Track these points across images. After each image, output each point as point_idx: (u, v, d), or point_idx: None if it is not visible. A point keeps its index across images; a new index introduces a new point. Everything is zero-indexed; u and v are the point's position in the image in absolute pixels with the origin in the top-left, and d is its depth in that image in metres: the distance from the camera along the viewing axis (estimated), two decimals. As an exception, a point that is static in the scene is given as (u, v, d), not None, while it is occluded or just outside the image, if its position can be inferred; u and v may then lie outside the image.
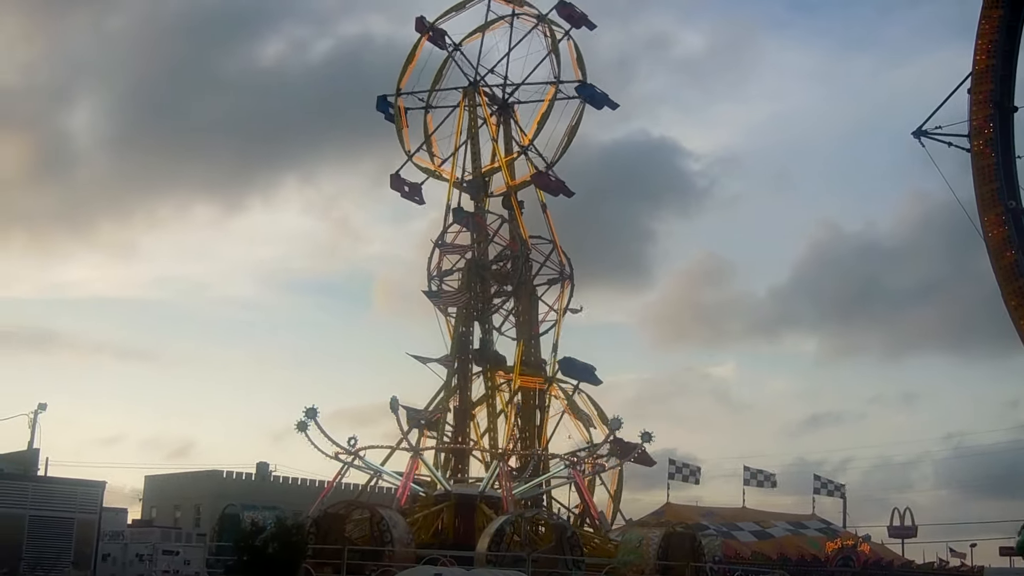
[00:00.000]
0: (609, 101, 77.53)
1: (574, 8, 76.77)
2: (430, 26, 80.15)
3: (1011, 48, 54.11)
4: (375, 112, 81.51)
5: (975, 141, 53.12)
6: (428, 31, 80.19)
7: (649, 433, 68.47)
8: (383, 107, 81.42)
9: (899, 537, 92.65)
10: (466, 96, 79.35)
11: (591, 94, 76.94)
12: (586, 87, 77.09)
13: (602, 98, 77.20)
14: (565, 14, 76.88)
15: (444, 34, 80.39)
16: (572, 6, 76.69)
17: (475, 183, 78.26)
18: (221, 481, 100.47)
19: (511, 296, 76.66)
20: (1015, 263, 50.75)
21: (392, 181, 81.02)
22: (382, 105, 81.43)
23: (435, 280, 76.58)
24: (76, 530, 54.43)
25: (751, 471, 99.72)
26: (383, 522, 58.59)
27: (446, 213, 77.62)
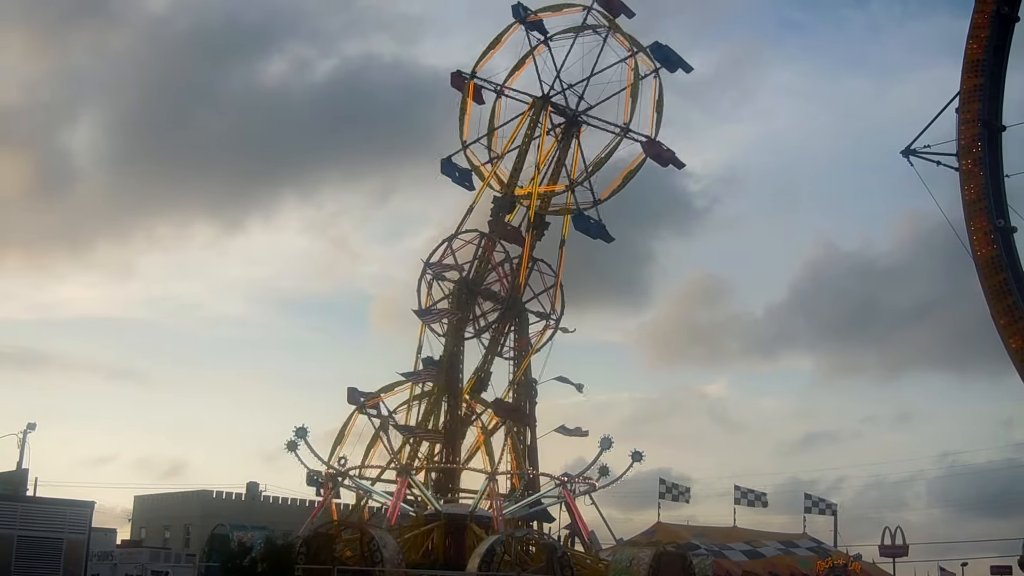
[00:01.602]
0: (676, 160, 75.90)
1: (671, 51, 74.97)
2: (524, 15, 78.61)
3: (999, 68, 54.28)
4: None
5: (963, 160, 53.22)
6: (522, 19, 78.68)
7: (640, 452, 68.57)
8: (456, 83, 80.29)
9: (890, 556, 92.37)
10: (533, 107, 78.00)
11: (657, 153, 75.13)
12: (653, 144, 75.28)
13: (668, 158, 75.44)
14: (660, 56, 74.89)
15: (540, 26, 78.86)
16: (669, 49, 74.87)
17: (503, 201, 77.11)
18: (211, 501, 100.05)
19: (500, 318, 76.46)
20: (1004, 281, 50.79)
21: (443, 166, 79.48)
22: (455, 81, 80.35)
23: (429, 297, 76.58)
24: (65, 550, 54.07)
25: (742, 490, 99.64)
26: (373, 542, 58.55)
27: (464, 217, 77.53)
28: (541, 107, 77.32)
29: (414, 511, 69.75)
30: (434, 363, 74.14)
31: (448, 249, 76.54)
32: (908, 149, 55.69)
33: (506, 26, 79.55)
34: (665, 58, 74.72)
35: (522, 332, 76.91)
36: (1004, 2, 53.95)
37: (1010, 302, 50.42)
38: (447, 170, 78.78)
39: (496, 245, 76.33)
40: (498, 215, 76.84)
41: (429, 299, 76.40)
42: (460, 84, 79.95)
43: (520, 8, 78.65)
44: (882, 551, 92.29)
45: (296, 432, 71.24)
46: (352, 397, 76.26)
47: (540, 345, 76.36)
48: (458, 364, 75.46)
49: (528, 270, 76.34)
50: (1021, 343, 49.88)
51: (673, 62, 74.77)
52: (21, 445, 65.38)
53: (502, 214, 77.02)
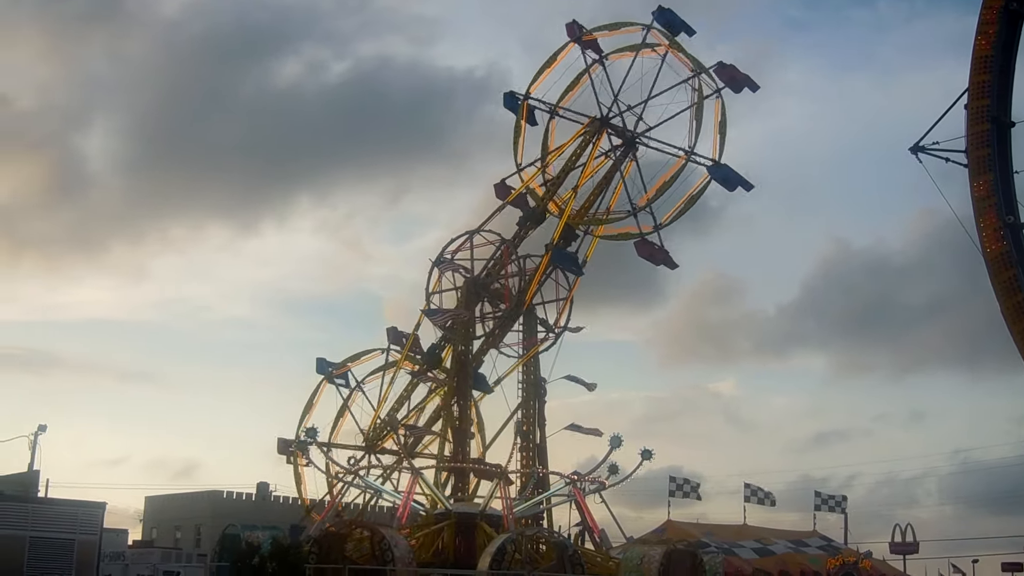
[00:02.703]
0: (744, 182, 72.92)
1: (736, 70, 72.39)
2: (581, 34, 76.86)
3: (1007, 64, 54.20)
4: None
5: (972, 156, 53.15)
6: (577, 38, 77.00)
7: (649, 450, 68.70)
8: (510, 104, 79.14)
9: (900, 553, 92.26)
10: (591, 127, 75.97)
11: (725, 176, 72.64)
12: (720, 168, 72.80)
13: (736, 180, 72.74)
14: (726, 77, 72.58)
15: (595, 45, 77.13)
16: (734, 68, 72.43)
17: (533, 213, 76.55)
18: (221, 501, 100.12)
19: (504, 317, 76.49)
20: (1014, 278, 50.74)
21: (497, 190, 79.06)
22: (509, 102, 79.18)
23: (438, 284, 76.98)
24: (77, 551, 54.30)
25: (752, 488, 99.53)
26: (384, 541, 58.58)
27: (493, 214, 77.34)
28: (599, 129, 75.44)
29: (424, 510, 69.87)
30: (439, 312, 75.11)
31: (468, 242, 76.90)
32: (916, 146, 55.64)
33: (561, 45, 78.05)
34: (730, 78, 72.30)
35: (529, 332, 76.94)
36: (1013, -2, 53.93)
37: (1020, 299, 50.38)
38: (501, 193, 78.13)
39: (513, 254, 76.18)
40: (525, 224, 76.36)
41: (437, 284, 76.98)
42: (513, 105, 78.76)
43: (576, 27, 76.90)
44: (892, 548, 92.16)
45: (306, 432, 71.56)
46: (320, 367, 79.32)
47: (529, 355, 76.20)
48: (468, 363, 75.53)
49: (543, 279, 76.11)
50: (1032, 339, 49.87)
51: (739, 81, 72.23)
52: (32, 447, 65.48)
53: (530, 224, 76.43)
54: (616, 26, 77.10)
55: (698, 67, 73.74)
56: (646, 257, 73.76)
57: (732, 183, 72.66)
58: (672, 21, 74.30)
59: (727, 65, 72.21)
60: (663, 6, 74.35)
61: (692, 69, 73.88)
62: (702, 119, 74.24)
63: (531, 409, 75.09)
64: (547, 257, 74.95)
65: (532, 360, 76.15)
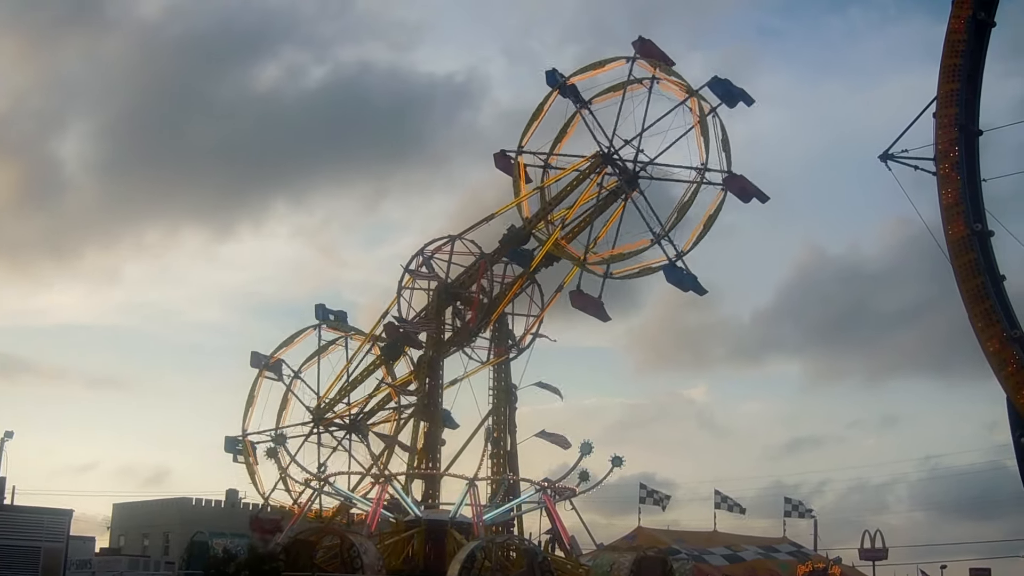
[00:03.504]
0: (760, 194, 71.57)
1: (731, 84, 70.65)
2: (562, 81, 75.09)
3: (975, 72, 54.40)
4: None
5: (941, 164, 53.24)
6: (559, 86, 75.15)
7: (620, 457, 68.66)
8: (501, 164, 76.64)
9: (869, 559, 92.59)
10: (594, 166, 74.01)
11: (742, 188, 70.91)
12: (736, 179, 71.11)
13: (753, 191, 71.33)
14: (721, 91, 70.65)
15: (576, 91, 74.94)
16: (728, 83, 70.59)
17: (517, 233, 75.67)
18: (190, 509, 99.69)
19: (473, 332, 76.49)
20: (981, 285, 50.92)
21: (496, 160, 76.93)
22: (501, 163, 76.71)
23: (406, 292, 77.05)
24: (42, 559, 54.08)
25: (722, 495, 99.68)
26: (353, 548, 58.48)
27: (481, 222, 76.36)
28: (601, 165, 73.73)
29: (394, 517, 69.72)
30: None
31: (449, 246, 77.02)
32: (886, 154, 55.76)
33: (545, 96, 76.13)
34: (726, 92, 70.39)
35: (501, 340, 76.96)
36: (981, 7, 54.02)
37: (987, 306, 50.49)
38: (672, 277, 73.63)
39: (489, 270, 75.97)
40: (507, 244, 75.71)
41: (410, 282, 77.06)
42: (506, 165, 76.64)
43: (556, 75, 75.44)
44: (862, 555, 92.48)
45: (274, 439, 71.43)
46: (254, 360, 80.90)
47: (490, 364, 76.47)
48: (438, 371, 75.51)
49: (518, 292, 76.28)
50: (998, 347, 49.95)
51: (735, 95, 70.39)
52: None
53: (513, 244, 75.61)
54: (599, 64, 75.21)
55: (690, 89, 71.98)
56: (675, 283, 72.62)
57: (748, 195, 71.32)
58: (652, 51, 73.20)
59: (721, 80, 70.51)
60: (643, 37, 73.39)
61: (685, 91, 72.30)
62: (708, 135, 72.12)
63: (502, 416, 75.02)
64: (523, 280, 75.20)
65: (503, 367, 76.13)
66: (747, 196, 71.30)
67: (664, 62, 73.42)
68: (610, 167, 73.74)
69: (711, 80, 70.93)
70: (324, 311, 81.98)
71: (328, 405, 79.87)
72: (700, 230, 72.62)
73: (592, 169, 73.90)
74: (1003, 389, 49.95)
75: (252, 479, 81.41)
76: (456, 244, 76.94)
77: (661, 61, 73.40)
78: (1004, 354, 49.94)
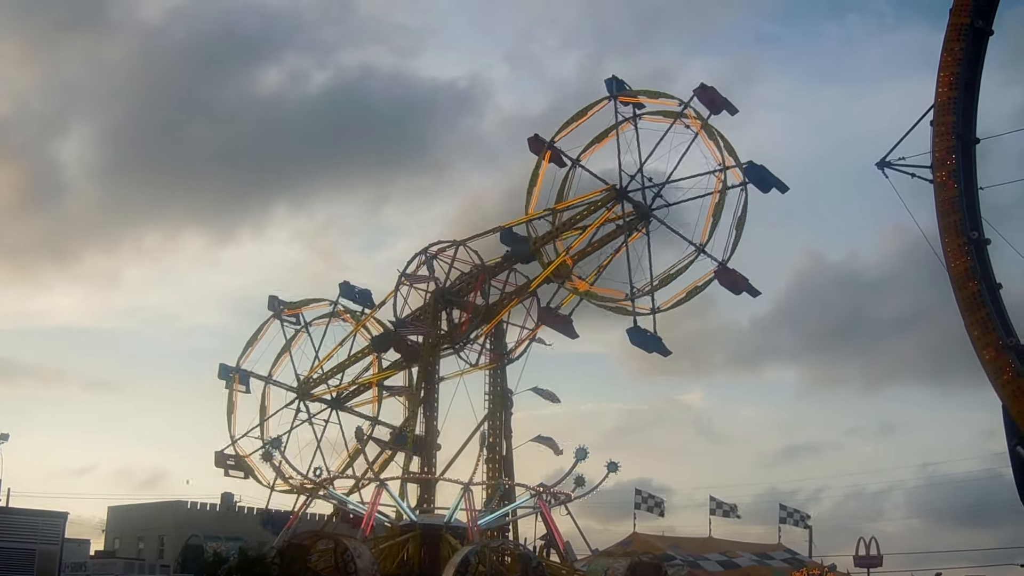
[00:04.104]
0: (751, 288, 70.57)
1: (766, 171, 69.36)
2: (548, 144, 74.85)
3: (973, 80, 54.51)
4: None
5: (938, 172, 53.37)
6: (547, 149, 74.83)
7: (615, 463, 68.64)
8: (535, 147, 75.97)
9: (865, 567, 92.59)
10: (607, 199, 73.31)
11: (761, 177, 69.27)
12: (728, 273, 69.96)
13: (744, 286, 70.24)
14: (706, 99, 70.01)
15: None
16: (764, 169, 69.42)
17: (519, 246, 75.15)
18: (185, 512, 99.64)
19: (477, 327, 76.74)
20: (977, 293, 51.01)
21: (531, 144, 76.04)
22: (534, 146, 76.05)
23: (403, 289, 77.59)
24: (37, 561, 53.94)
25: (717, 501, 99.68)
26: (347, 552, 58.39)
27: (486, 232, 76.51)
28: (615, 198, 73.11)
29: (389, 521, 69.71)
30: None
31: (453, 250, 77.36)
32: (883, 161, 55.86)
33: (596, 100, 75.06)
34: (760, 178, 69.14)
35: (496, 346, 77.01)
36: (978, 16, 54.20)
37: (983, 314, 50.61)
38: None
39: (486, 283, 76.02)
40: (510, 260, 75.71)
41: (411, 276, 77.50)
42: (539, 148, 75.72)
43: (614, 82, 74.29)
44: (857, 562, 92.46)
45: (270, 443, 71.45)
46: (271, 304, 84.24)
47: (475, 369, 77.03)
48: (434, 375, 75.63)
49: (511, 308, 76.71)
50: (994, 355, 50.07)
51: (768, 182, 69.15)
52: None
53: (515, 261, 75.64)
54: (655, 94, 74.14)
55: (726, 161, 70.68)
56: (638, 344, 71.20)
57: (738, 289, 70.29)
58: (714, 99, 70.80)
59: (757, 166, 69.28)
60: (705, 84, 71.31)
61: (719, 162, 70.72)
62: (720, 214, 70.82)
63: (497, 420, 75.02)
64: (516, 301, 75.44)
65: (499, 371, 76.16)
66: (737, 290, 70.33)
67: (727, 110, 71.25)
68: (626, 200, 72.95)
69: (747, 164, 69.63)
70: (348, 288, 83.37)
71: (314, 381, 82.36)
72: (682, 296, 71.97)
73: (605, 202, 73.40)
74: (999, 397, 50.04)
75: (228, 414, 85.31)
76: (459, 250, 77.10)
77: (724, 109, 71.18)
78: (1000, 362, 50.06)
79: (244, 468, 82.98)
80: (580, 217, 74.49)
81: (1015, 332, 50.36)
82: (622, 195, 72.98)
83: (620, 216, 73.28)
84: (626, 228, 72.90)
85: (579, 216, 74.54)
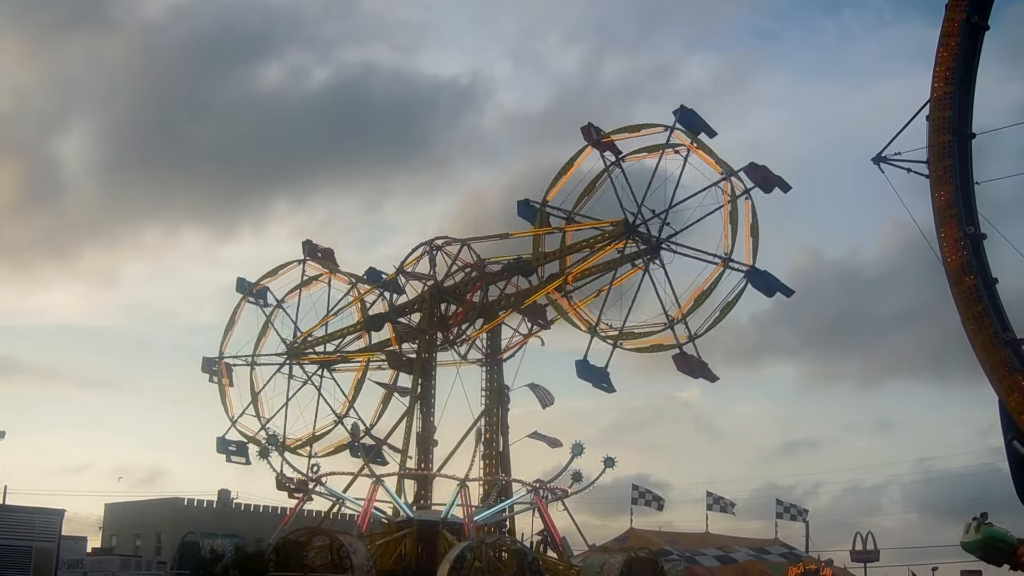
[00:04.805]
0: (784, 288, 69.41)
1: (768, 171, 68.00)
2: (598, 137, 72.61)
3: (969, 75, 54.44)
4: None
5: (934, 167, 53.19)
6: (596, 142, 72.72)
7: (612, 459, 68.71)
8: (524, 212, 74.80)
9: (861, 561, 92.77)
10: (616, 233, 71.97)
11: (766, 283, 68.71)
12: (760, 275, 68.58)
13: (776, 286, 69.04)
14: (757, 177, 68.08)
15: (614, 146, 72.68)
16: (766, 169, 68.06)
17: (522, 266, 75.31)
18: (182, 509, 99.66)
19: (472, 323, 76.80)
20: (974, 288, 50.94)
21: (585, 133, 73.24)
22: (523, 210, 74.89)
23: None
24: (34, 559, 53.97)
25: (714, 496, 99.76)
26: (343, 549, 58.43)
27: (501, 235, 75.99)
28: (622, 234, 71.65)
29: (386, 518, 69.71)
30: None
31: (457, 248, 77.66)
32: (879, 156, 55.78)
33: (578, 149, 74.19)
34: (763, 179, 68.00)
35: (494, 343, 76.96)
36: (974, 11, 54.06)
37: (979, 309, 50.51)
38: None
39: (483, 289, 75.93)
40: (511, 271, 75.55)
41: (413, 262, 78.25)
42: (528, 213, 74.78)
43: (592, 130, 73.01)
44: (853, 556, 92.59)
45: (268, 440, 71.46)
46: (240, 286, 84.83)
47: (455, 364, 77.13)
48: (431, 372, 75.68)
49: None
50: (990, 349, 49.96)
51: (771, 182, 67.95)
52: (-9, 454, 65.09)
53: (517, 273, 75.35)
54: (636, 128, 73.16)
55: (727, 169, 69.83)
56: (686, 371, 70.51)
57: (772, 289, 69.22)
58: (693, 121, 70.65)
59: (759, 166, 68.23)
60: (685, 106, 70.78)
61: (720, 171, 70.01)
62: (737, 222, 69.85)
63: (494, 416, 74.99)
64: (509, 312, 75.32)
65: (495, 367, 76.12)
66: (771, 291, 69.21)
67: (705, 132, 71.04)
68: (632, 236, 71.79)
69: (748, 165, 68.66)
70: (312, 247, 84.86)
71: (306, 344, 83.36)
72: (716, 315, 70.09)
73: (614, 236, 72.16)
74: (995, 392, 49.98)
75: (223, 400, 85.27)
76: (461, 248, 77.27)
77: (703, 130, 71.00)
78: (996, 357, 49.96)
79: (220, 387, 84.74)
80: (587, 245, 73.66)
81: (1011, 327, 50.24)
82: (632, 230, 71.35)
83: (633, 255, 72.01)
84: (645, 265, 71.43)
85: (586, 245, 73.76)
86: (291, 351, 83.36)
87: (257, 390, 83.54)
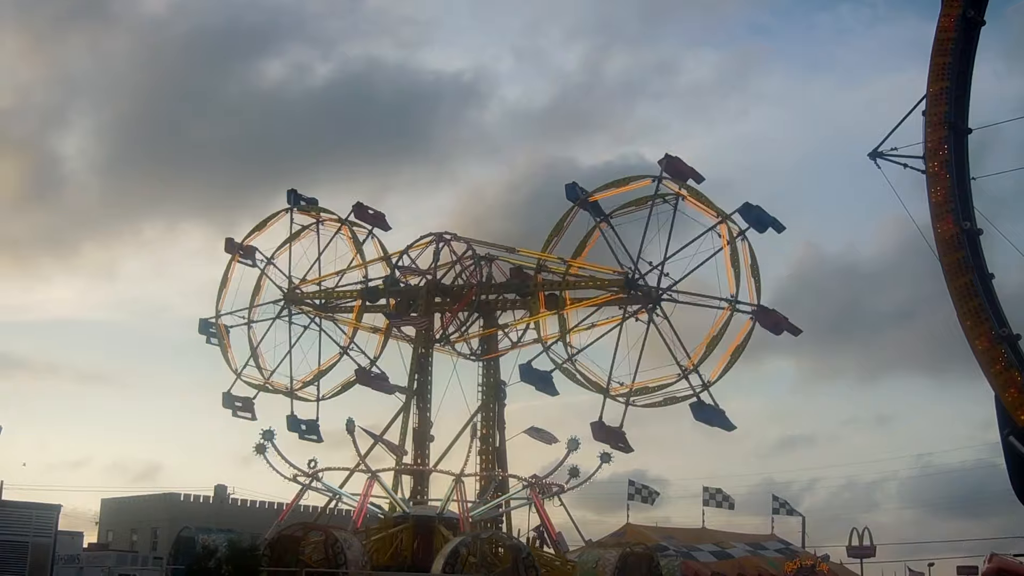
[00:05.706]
0: (791, 327, 68.90)
1: (762, 212, 67.66)
2: (584, 196, 72.21)
3: (965, 70, 54.41)
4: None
5: (930, 163, 53.27)
6: (580, 200, 72.28)
7: (608, 454, 68.68)
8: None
9: (857, 557, 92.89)
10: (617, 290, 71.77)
11: (776, 323, 68.41)
12: (767, 314, 68.49)
13: (785, 325, 68.67)
14: (752, 219, 67.72)
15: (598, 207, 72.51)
16: (760, 209, 67.75)
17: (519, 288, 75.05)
18: (178, 504, 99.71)
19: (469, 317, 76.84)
20: (970, 283, 50.95)
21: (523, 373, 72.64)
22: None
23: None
24: (31, 554, 53.81)
25: (710, 491, 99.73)
26: (338, 544, 58.43)
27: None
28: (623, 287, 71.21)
29: (382, 513, 69.70)
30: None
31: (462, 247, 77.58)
32: (875, 152, 55.78)
33: (566, 211, 73.54)
34: (757, 219, 67.55)
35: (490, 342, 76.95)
36: (971, 6, 54.08)
37: (975, 304, 50.53)
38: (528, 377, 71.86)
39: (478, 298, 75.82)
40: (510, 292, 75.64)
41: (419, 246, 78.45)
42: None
43: (576, 188, 72.45)
44: (850, 552, 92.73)
45: (264, 435, 71.39)
46: (228, 246, 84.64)
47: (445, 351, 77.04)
48: (427, 367, 75.66)
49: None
50: (987, 344, 49.98)
51: (765, 222, 67.57)
52: (-15, 448, 65.04)
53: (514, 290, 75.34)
54: (623, 182, 73.02)
55: (721, 213, 69.32)
56: (703, 421, 70.39)
57: (780, 329, 68.83)
58: (680, 169, 70.56)
59: (753, 206, 67.72)
60: (670, 154, 70.71)
61: (715, 215, 69.61)
62: (739, 264, 69.38)
63: (491, 412, 74.97)
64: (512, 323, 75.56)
65: (492, 363, 76.14)
66: (779, 330, 68.89)
67: (693, 178, 70.93)
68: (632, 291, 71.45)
69: (742, 206, 68.14)
70: (296, 196, 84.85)
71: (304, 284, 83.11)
72: (728, 360, 70.09)
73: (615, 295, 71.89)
74: (992, 387, 50.00)
75: (225, 356, 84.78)
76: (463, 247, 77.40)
77: (691, 177, 70.91)
78: (992, 352, 49.97)
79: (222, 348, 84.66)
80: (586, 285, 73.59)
81: (1008, 322, 50.28)
82: (631, 284, 71.04)
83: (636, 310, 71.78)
84: (649, 321, 71.20)
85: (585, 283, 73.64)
86: (288, 296, 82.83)
87: (256, 343, 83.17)
